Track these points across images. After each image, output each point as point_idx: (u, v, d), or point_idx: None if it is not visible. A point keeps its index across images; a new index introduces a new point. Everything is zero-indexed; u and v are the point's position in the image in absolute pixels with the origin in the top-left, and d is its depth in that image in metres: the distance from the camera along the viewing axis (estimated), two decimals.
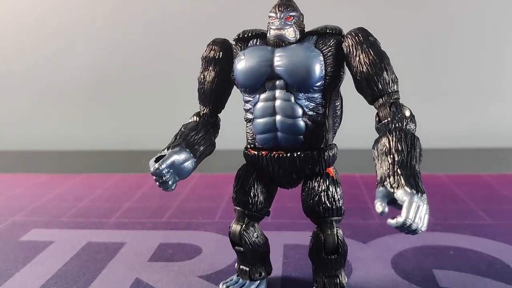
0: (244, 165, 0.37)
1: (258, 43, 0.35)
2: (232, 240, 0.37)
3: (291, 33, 0.33)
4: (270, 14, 0.34)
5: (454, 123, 1.05)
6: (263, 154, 0.35)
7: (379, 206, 0.26)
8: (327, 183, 0.34)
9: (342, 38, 0.33)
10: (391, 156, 0.28)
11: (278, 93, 0.33)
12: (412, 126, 0.31)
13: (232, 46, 0.36)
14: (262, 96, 0.34)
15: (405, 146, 0.28)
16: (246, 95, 0.35)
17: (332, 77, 0.33)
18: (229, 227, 0.37)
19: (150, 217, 0.58)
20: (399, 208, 0.26)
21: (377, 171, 0.28)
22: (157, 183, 0.33)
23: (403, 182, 0.26)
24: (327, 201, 0.34)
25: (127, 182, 0.76)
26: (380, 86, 0.31)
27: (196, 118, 0.37)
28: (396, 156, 0.28)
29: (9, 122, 1.17)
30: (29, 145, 1.14)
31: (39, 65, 1.14)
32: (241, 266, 0.38)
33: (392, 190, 0.26)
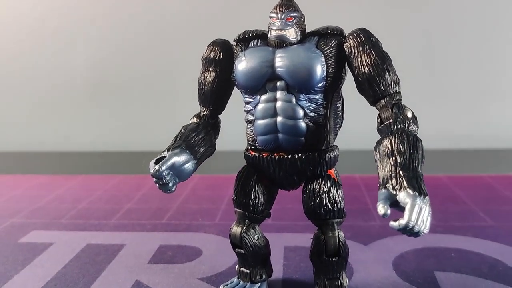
0: (245, 167, 0.37)
1: (259, 44, 0.34)
2: (233, 242, 0.37)
3: (292, 34, 0.33)
4: (271, 15, 0.33)
5: (455, 124, 1.05)
6: (264, 156, 0.34)
7: (381, 209, 0.26)
8: (329, 185, 0.34)
9: (344, 39, 0.33)
10: (393, 158, 0.28)
11: (279, 94, 0.33)
12: (414, 128, 0.30)
13: (233, 47, 0.36)
14: (263, 97, 0.34)
15: (407, 148, 0.28)
16: (247, 96, 0.35)
17: (334, 78, 0.33)
18: (230, 229, 0.37)
19: (150, 219, 0.58)
20: (402, 211, 0.26)
21: (379, 173, 0.28)
22: (157, 185, 0.33)
23: (406, 184, 0.26)
24: (329, 203, 0.34)
25: (127, 184, 0.76)
26: (382, 87, 0.31)
27: (196, 120, 0.37)
28: (398, 158, 0.28)
29: (9, 123, 1.17)
30: (29, 146, 1.13)
31: (39, 66, 1.13)
32: (242, 268, 0.38)
33: (395, 192, 0.26)
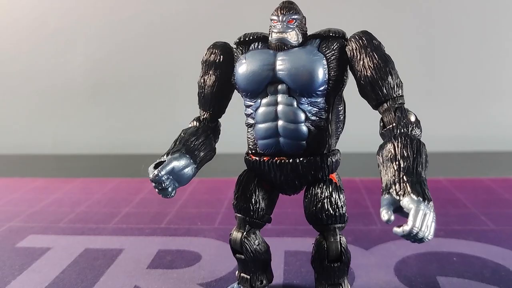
0: (245, 171, 0.36)
1: (260, 47, 0.34)
2: (233, 248, 0.36)
3: (294, 37, 0.32)
4: (272, 17, 0.33)
5: (455, 127, 1.04)
6: (265, 160, 0.34)
7: (385, 214, 0.25)
8: (330, 190, 0.33)
9: (346, 42, 0.33)
10: (397, 163, 0.27)
11: (280, 98, 0.33)
12: (418, 132, 0.30)
13: (233, 50, 0.35)
14: (264, 101, 0.33)
15: (411, 152, 0.28)
16: (248, 100, 0.34)
17: (336, 81, 0.32)
18: (230, 235, 0.36)
19: (149, 223, 0.57)
20: (405, 216, 0.25)
21: (382, 178, 0.28)
22: (157, 190, 0.32)
23: (409, 190, 0.26)
24: (330, 208, 0.33)
25: (126, 187, 0.75)
26: (385, 91, 0.31)
27: (196, 123, 0.37)
28: (402, 163, 0.27)
29: (6, 126, 1.16)
30: (27, 149, 1.13)
31: (36, 68, 1.13)
32: (242, 274, 0.37)
33: (398, 198, 0.26)
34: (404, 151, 0.28)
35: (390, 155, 0.28)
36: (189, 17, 1.07)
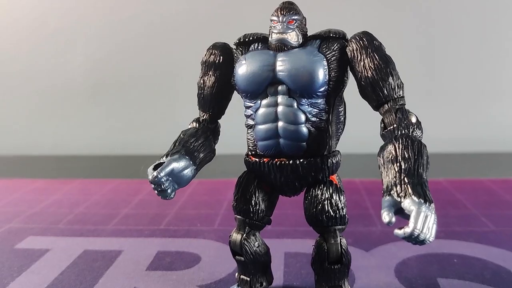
0: (245, 173, 0.36)
1: (260, 47, 0.34)
2: (233, 250, 0.36)
3: (294, 37, 0.32)
4: (272, 18, 0.33)
5: (455, 127, 1.04)
6: (265, 161, 0.34)
7: (386, 216, 0.25)
8: (331, 191, 0.33)
9: (346, 42, 0.32)
10: (398, 164, 0.27)
11: (281, 99, 0.32)
12: (419, 133, 0.30)
13: (233, 50, 0.35)
14: (264, 102, 0.33)
15: (412, 154, 0.27)
16: (247, 101, 0.34)
17: (336, 82, 0.32)
18: (230, 236, 0.36)
19: (148, 224, 0.57)
20: (406, 218, 0.25)
21: (383, 179, 0.28)
22: (156, 192, 0.32)
23: (411, 191, 0.26)
24: (331, 210, 0.33)
25: (125, 188, 0.75)
26: (386, 92, 0.31)
27: (196, 124, 0.36)
28: (403, 164, 0.27)
29: (5, 126, 1.16)
30: (26, 150, 1.13)
31: (36, 68, 1.13)
32: (242, 276, 0.37)
33: (399, 199, 0.26)
34: (405, 153, 0.28)
35: (391, 157, 0.28)
36: (189, 17, 1.07)
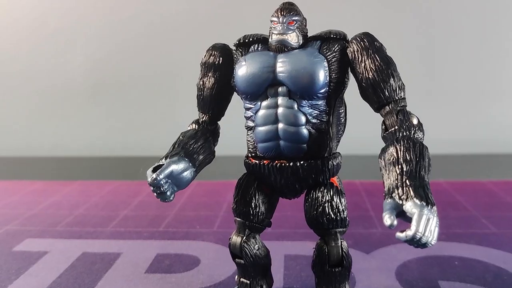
0: (245, 175, 0.36)
1: (260, 49, 0.33)
2: (233, 252, 0.36)
3: (294, 38, 0.32)
4: (272, 19, 0.33)
5: (455, 128, 1.04)
6: (265, 163, 0.33)
7: (388, 219, 0.25)
8: (331, 193, 0.33)
9: (347, 44, 0.32)
10: (399, 167, 0.27)
11: (281, 100, 0.32)
12: (420, 135, 0.30)
13: (233, 52, 0.35)
14: (264, 103, 0.33)
15: (414, 156, 0.27)
16: (247, 102, 0.34)
17: (337, 84, 0.32)
18: (229, 239, 0.36)
19: (147, 227, 0.57)
20: (408, 221, 0.25)
21: (385, 182, 0.27)
22: (155, 194, 0.32)
23: (412, 194, 0.25)
24: (331, 212, 0.33)
25: (124, 190, 0.74)
26: (387, 93, 0.30)
27: (195, 126, 0.36)
28: (405, 166, 0.27)
29: (6, 126, 1.15)
30: (26, 151, 1.12)
31: (36, 68, 1.12)
32: (242, 279, 0.37)
33: (401, 202, 0.25)
34: (407, 155, 0.27)
35: (393, 159, 0.28)
36: (189, 17, 1.06)
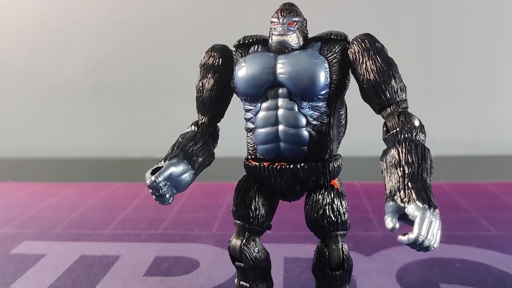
0: (245, 177, 0.35)
1: (260, 50, 0.33)
2: (232, 256, 0.35)
3: (294, 39, 0.32)
4: (272, 19, 0.32)
5: (455, 128, 1.04)
6: (265, 166, 0.33)
7: (390, 222, 0.24)
8: (332, 196, 0.33)
9: (348, 45, 0.32)
10: (401, 169, 0.27)
11: (281, 102, 0.32)
12: (422, 137, 0.29)
13: (232, 53, 0.35)
14: (264, 105, 0.32)
15: (416, 158, 0.27)
16: (247, 104, 0.33)
17: (337, 85, 0.31)
18: (229, 242, 0.35)
19: (146, 229, 0.56)
20: (410, 224, 0.25)
21: (386, 184, 0.27)
22: (154, 196, 0.31)
23: (414, 196, 0.25)
24: (332, 215, 0.32)
25: (122, 192, 0.74)
26: (388, 95, 0.30)
27: (194, 128, 0.36)
28: (406, 169, 0.26)
29: (6, 126, 1.15)
30: (22, 153, 1.12)
31: (36, 68, 1.12)
32: (241, 282, 0.36)
33: (403, 205, 0.25)
34: (409, 157, 0.27)
35: (394, 161, 0.27)
36: (189, 17, 1.06)
